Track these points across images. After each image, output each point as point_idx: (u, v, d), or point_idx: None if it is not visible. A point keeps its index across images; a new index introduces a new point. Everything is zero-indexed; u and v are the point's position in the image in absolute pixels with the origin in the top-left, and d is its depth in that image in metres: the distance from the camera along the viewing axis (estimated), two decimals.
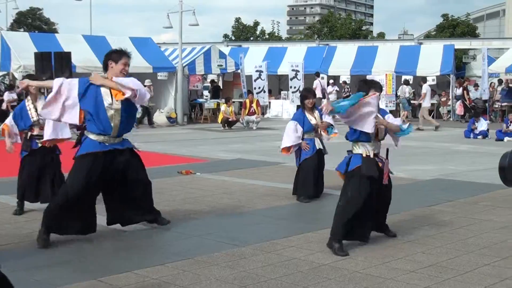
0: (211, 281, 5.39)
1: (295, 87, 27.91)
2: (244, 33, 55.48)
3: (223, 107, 23.72)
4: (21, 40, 23.21)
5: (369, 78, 9.80)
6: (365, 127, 6.33)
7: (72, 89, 6.55)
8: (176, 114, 24.93)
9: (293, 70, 28.16)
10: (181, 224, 7.43)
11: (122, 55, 6.78)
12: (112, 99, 6.64)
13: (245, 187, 10.26)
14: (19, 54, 21.94)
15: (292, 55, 31.57)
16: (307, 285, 5.31)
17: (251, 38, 54.55)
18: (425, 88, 23.69)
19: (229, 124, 23.15)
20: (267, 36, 56.75)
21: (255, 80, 28.22)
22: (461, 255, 6.25)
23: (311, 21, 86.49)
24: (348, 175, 6.53)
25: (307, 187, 9.11)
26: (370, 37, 60.02)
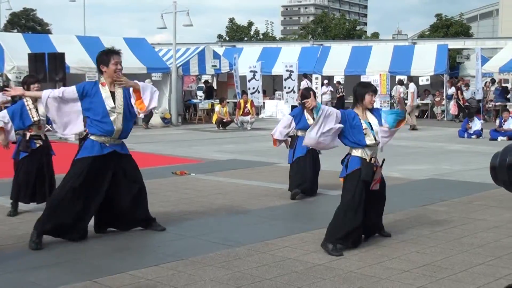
0: (206, 281, 5.38)
1: (289, 88, 27.92)
2: (238, 33, 55.49)
3: (217, 107, 23.73)
4: (14, 41, 23.15)
5: (363, 80, 9.82)
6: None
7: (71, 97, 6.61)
8: (171, 115, 24.91)
9: (287, 71, 28.16)
10: (176, 224, 7.40)
11: (110, 55, 6.73)
12: (115, 103, 6.65)
13: (239, 187, 10.24)
14: (13, 55, 21.89)
15: (286, 55, 31.61)
16: (302, 285, 5.31)
17: (245, 39, 54.58)
18: (412, 87, 23.71)
19: (223, 124, 23.14)
20: (261, 37, 56.77)
21: (249, 81, 28.21)
22: (456, 254, 6.25)
23: (305, 21, 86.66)
24: (345, 176, 6.52)
25: (300, 180, 9.15)
26: (364, 37, 60.12)
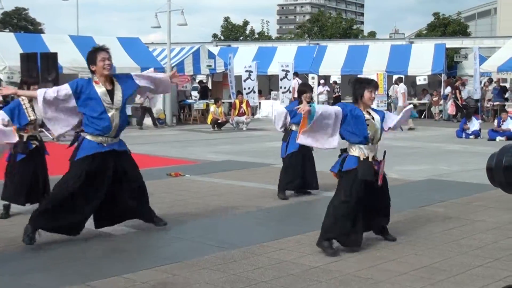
0: (201, 284, 5.32)
1: (285, 87, 27.86)
2: (233, 32, 55.44)
3: (212, 107, 23.64)
4: (6, 41, 23.07)
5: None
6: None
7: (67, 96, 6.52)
8: (165, 115, 24.82)
9: (283, 70, 28.11)
10: (171, 227, 7.33)
11: (96, 53, 6.69)
12: (112, 99, 6.58)
13: (235, 189, 10.19)
14: (4, 55, 21.79)
15: (282, 55, 31.55)
16: None
17: (241, 38, 54.54)
18: (402, 88, 23.61)
19: (218, 125, 23.03)
20: (256, 36, 56.75)
21: (244, 81, 28.12)
22: (454, 256, 6.20)
23: (301, 20, 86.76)
24: (341, 174, 6.41)
25: (291, 177, 9.24)
26: (361, 36, 60.18)
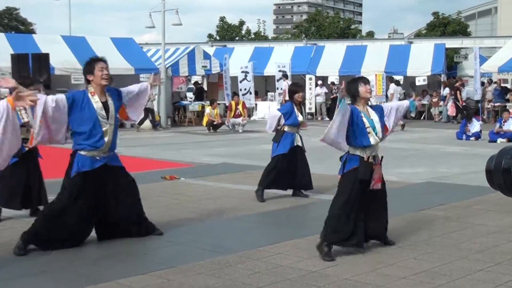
0: None
1: (282, 89, 27.74)
2: (229, 32, 55.36)
3: (208, 109, 23.46)
4: None
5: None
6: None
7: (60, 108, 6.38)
8: (160, 117, 24.70)
9: (280, 71, 28.02)
10: (165, 231, 7.25)
11: (94, 63, 6.63)
12: (108, 113, 6.52)
13: (230, 192, 10.13)
14: None
15: (279, 55, 31.39)
16: None
17: (237, 38, 54.47)
18: (392, 89, 23.52)
19: (214, 127, 22.89)
20: (253, 36, 56.73)
21: (241, 81, 28.04)
22: (454, 260, 6.15)
23: (298, 20, 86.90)
24: (342, 176, 6.41)
25: (275, 177, 9.31)
26: (359, 36, 60.30)
